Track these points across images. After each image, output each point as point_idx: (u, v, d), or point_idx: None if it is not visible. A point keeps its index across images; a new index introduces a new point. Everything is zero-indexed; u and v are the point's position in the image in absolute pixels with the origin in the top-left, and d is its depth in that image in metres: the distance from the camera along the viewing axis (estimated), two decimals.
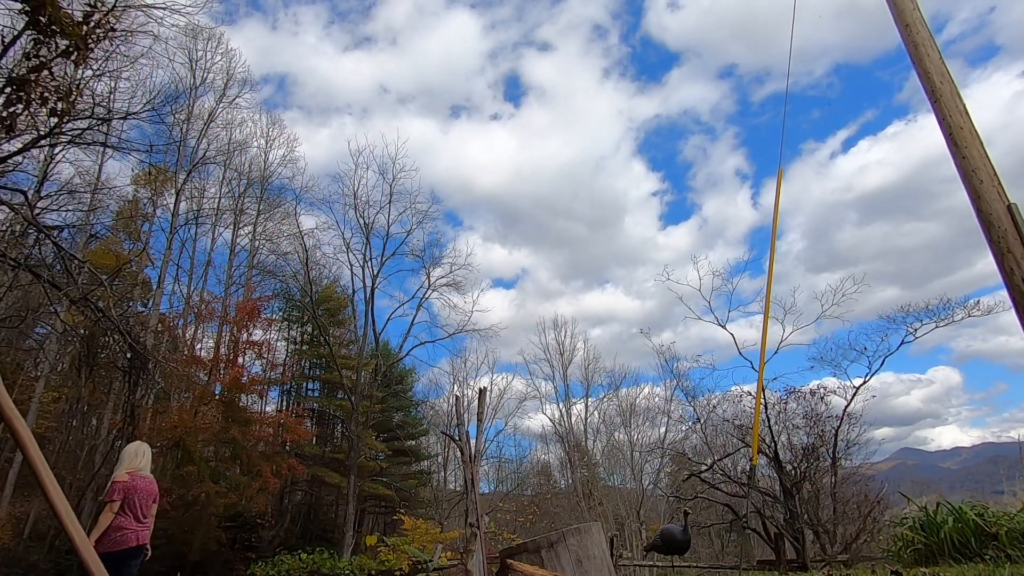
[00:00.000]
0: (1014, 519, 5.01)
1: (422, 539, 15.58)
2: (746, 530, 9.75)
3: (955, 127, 3.86)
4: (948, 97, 3.94)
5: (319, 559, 14.75)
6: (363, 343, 23.01)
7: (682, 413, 21.26)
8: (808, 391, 11.36)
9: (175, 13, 9.06)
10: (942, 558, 5.02)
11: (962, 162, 3.78)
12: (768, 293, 5.38)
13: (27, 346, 16.34)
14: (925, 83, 4.08)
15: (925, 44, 4.12)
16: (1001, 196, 3.62)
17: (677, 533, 6.86)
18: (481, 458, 9.74)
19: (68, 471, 17.66)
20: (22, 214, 6.89)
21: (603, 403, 30.92)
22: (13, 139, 6.16)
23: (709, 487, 12.39)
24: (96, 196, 15.56)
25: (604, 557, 1.26)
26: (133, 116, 10.10)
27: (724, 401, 13.16)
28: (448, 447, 27.53)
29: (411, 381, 29.21)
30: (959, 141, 3.82)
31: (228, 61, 22.79)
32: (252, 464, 18.06)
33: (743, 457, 12.24)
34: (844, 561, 9.05)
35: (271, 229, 24.67)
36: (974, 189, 3.70)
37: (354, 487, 19.75)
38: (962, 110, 3.90)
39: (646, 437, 29.15)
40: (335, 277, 25.62)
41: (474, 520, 6.67)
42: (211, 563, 17.56)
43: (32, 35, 4.78)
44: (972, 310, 10.99)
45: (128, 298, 14.58)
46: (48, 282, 6.69)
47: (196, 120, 21.51)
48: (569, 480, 29.22)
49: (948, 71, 4.03)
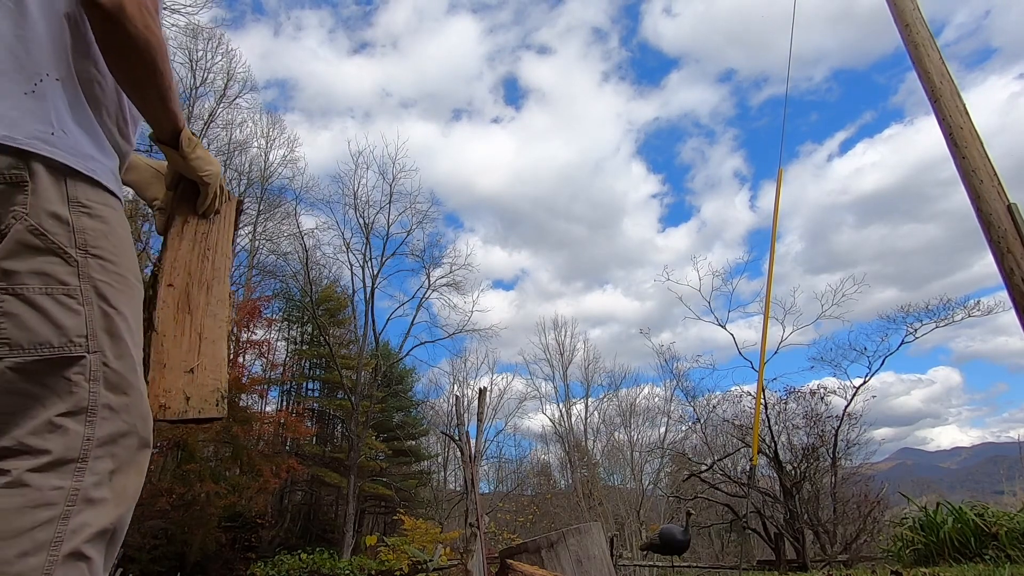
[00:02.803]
0: (1014, 519, 5.02)
1: (422, 539, 15.58)
2: (746, 530, 9.75)
3: (955, 127, 3.86)
4: (948, 97, 3.94)
5: (319, 559, 14.76)
6: (363, 343, 23.02)
7: (682, 413, 21.30)
8: (808, 391, 11.37)
9: (175, 13, 9.07)
10: (942, 558, 5.02)
11: (962, 162, 3.78)
12: (768, 292, 5.39)
13: None
14: (925, 83, 4.08)
15: (925, 44, 4.13)
16: (1001, 196, 3.63)
17: (677, 533, 6.86)
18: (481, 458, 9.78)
19: None
20: None
21: (603, 403, 30.96)
22: None
23: (709, 487, 12.39)
24: None
25: (604, 557, 1.27)
26: None
27: (724, 401, 13.18)
28: (448, 447, 27.55)
29: (411, 381, 29.22)
30: (959, 141, 3.82)
31: (228, 61, 22.79)
32: (252, 464, 18.07)
33: (743, 457, 12.25)
34: (844, 561, 9.06)
35: (271, 229, 24.68)
36: (974, 189, 3.71)
37: (354, 487, 19.76)
38: (962, 110, 3.90)
39: (646, 437, 29.19)
40: (335, 277, 25.64)
41: (474, 520, 6.68)
42: (211, 563, 17.56)
43: None
44: (972, 310, 11.01)
45: None
46: None
47: (196, 120, 21.52)
48: (569, 480, 29.23)
49: (948, 71, 4.03)
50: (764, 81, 77.74)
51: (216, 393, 1.18)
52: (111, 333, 0.96)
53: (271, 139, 25.28)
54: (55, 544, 0.83)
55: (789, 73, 5.80)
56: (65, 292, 0.93)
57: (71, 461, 0.87)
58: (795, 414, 11.20)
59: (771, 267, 5.16)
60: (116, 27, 0.96)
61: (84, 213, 0.96)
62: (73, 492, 0.86)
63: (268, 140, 25.20)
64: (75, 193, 0.95)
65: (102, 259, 0.97)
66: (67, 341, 0.92)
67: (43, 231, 0.91)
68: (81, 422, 0.90)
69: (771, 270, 5.19)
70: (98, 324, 0.95)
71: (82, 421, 0.90)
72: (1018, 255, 3.48)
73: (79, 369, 0.92)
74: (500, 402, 28.86)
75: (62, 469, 0.87)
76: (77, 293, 0.94)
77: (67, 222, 0.94)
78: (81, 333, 0.93)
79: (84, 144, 0.98)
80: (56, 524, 0.84)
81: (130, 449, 0.94)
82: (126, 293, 0.99)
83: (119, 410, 0.94)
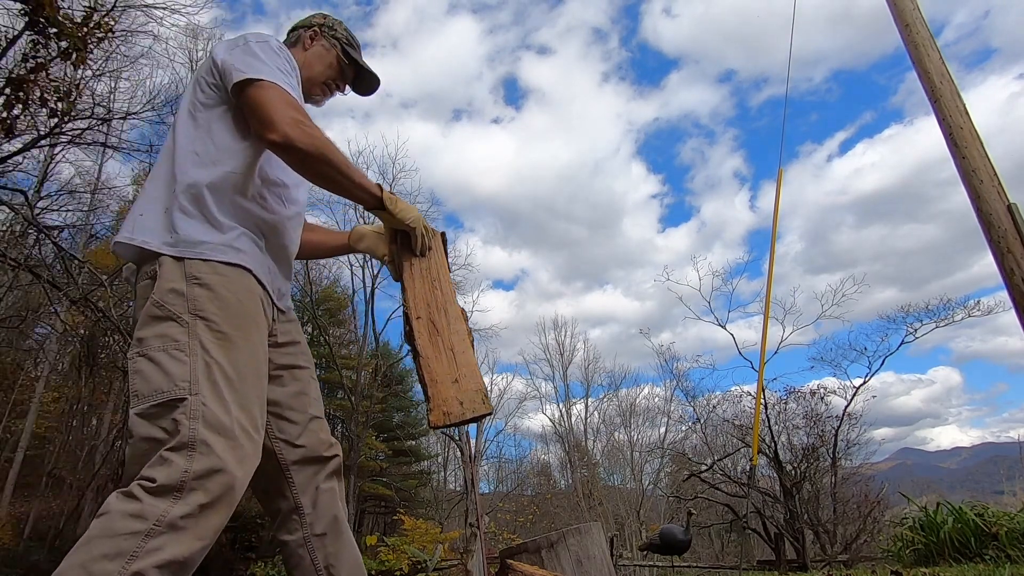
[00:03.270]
0: (1014, 519, 5.01)
1: (422, 539, 15.57)
2: (746, 530, 9.74)
3: (955, 127, 3.86)
4: (948, 97, 3.94)
5: None
6: (363, 343, 23.02)
7: (682, 413, 21.30)
8: (808, 391, 11.36)
9: (175, 13, 9.07)
10: (942, 558, 5.02)
11: (962, 162, 3.78)
12: (768, 292, 5.38)
13: (27, 346, 16.33)
14: (925, 83, 4.07)
15: (925, 44, 4.12)
16: (1001, 196, 3.62)
17: (678, 533, 6.85)
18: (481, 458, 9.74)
19: (68, 471, 17.67)
20: (22, 214, 6.89)
21: (603, 403, 30.94)
22: (13, 139, 6.16)
23: (709, 487, 12.38)
24: (96, 196, 15.54)
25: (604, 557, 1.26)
26: (133, 116, 10.11)
27: (724, 401, 13.16)
28: (448, 447, 27.54)
29: (411, 381, 29.14)
30: (959, 141, 3.81)
31: None
32: None
33: (743, 457, 12.24)
34: (844, 561, 9.05)
35: None
36: (974, 189, 3.70)
37: (354, 487, 19.76)
38: (962, 110, 3.89)
39: (646, 437, 29.18)
40: (335, 277, 25.63)
41: (474, 520, 6.67)
42: (211, 563, 17.55)
43: (31, 36, 4.78)
44: (972, 310, 11.00)
45: (128, 298, 14.58)
46: (48, 282, 6.69)
47: None
48: (569, 480, 29.22)
49: (948, 71, 4.03)
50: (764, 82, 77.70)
51: (479, 393, 1.37)
52: (211, 380, 1.12)
53: None
54: (131, 557, 0.95)
55: (789, 73, 5.79)
56: (176, 347, 1.13)
57: (172, 490, 1.01)
58: (795, 414, 11.20)
59: (771, 267, 5.16)
60: (292, 151, 1.24)
61: (196, 284, 1.19)
62: (163, 515, 0.99)
63: None
64: (190, 271, 1.20)
65: (207, 319, 1.17)
66: (174, 385, 1.10)
67: (164, 303, 1.17)
68: (183, 456, 1.04)
69: (771, 270, 5.19)
70: (200, 372, 1.12)
71: (184, 455, 1.04)
72: (1018, 255, 3.48)
73: (183, 409, 1.08)
74: (500, 402, 28.83)
75: (163, 495, 1.01)
76: (186, 347, 1.14)
77: (183, 293, 1.18)
78: (185, 379, 1.11)
79: (200, 234, 1.24)
80: (139, 539, 0.96)
81: (223, 486, 1.06)
82: (225, 346, 1.17)
83: (215, 447, 1.07)
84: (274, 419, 1.36)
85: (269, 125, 1.23)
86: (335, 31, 1.63)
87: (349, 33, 1.68)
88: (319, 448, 1.39)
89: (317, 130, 1.26)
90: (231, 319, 1.19)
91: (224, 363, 1.15)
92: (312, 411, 1.42)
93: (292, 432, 1.38)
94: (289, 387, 1.40)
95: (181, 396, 1.08)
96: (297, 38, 1.63)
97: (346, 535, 1.38)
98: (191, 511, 1.01)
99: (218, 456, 1.06)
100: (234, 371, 1.16)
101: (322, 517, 1.34)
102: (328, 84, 1.64)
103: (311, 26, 1.63)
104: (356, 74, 1.69)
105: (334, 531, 1.34)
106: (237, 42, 1.37)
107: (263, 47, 1.35)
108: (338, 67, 1.64)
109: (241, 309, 1.22)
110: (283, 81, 1.29)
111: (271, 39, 1.41)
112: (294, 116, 1.24)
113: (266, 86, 1.26)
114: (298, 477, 1.36)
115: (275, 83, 1.27)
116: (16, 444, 15.40)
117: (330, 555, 1.32)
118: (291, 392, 1.40)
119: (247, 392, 1.17)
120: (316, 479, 1.37)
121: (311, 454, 1.38)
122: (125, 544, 0.95)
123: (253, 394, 1.19)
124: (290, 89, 1.30)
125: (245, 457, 1.11)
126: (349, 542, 1.37)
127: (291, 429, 1.38)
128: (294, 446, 1.37)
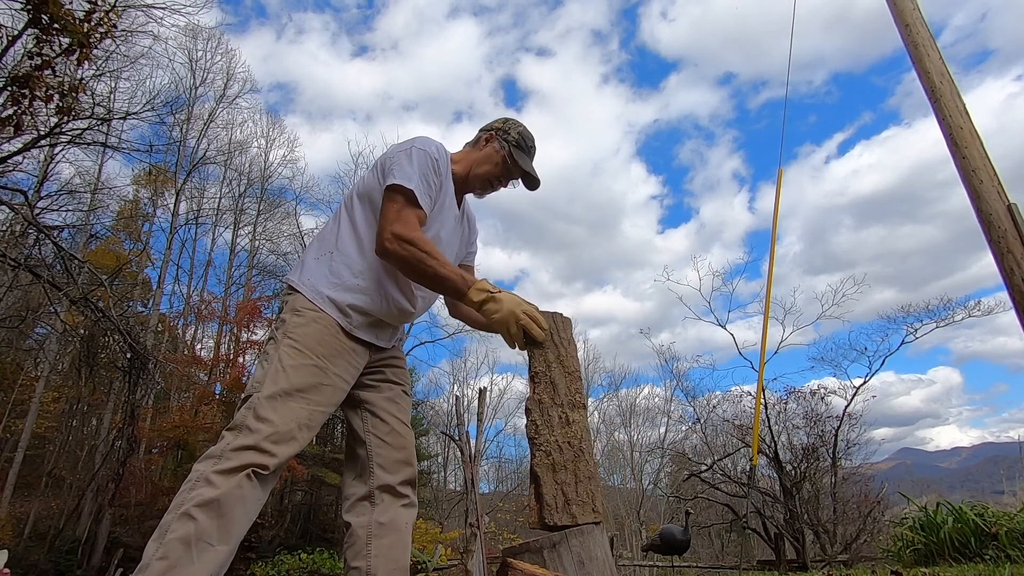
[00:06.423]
0: (1014, 519, 5.01)
1: (422, 539, 15.58)
2: (746, 530, 9.74)
3: (955, 127, 3.86)
4: (948, 97, 3.94)
5: (319, 559, 14.75)
6: None
7: (682, 413, 21.24)
8: (808, 391, 11.35)
9: (175, 13, 9.07)
10: (942, 558, 5.02)
11: (962, 162, 3.78)
12: (768, 292, 5.38)
13: (27, 346, 16.33)
14: (925, 83, 4.07)
15: (925, 44, 4.12)
16: (1001, 196, 3.63)
17: (677, 533, 6.86)
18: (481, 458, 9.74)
19: (68, 471, 17.67)
20: (22, 214, 6.88)
21: (603, 403, 30.96)
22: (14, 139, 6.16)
23: (709, 487, 12.38)
24: (96, 196, 15.55)
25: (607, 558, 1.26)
26: (133, 116, 10.10)
27: (724, 401, 13.14)
28: (448, 447, 27.52)
29: (411, 381, 29.17)
30: (959, 141, 3.82)
31: (228, 61, 22.80)
32: None
33: (743, 457, 12.24)
34: (844, 561, 9.05)
35: (271, 229, 24.66)
36: (974, 189, 3.71)
37: None
38: (962, 110, 3.90)
39: (646, 437, 29.21)
40: None
41: (474, 520, 6.67)
42: None
43: (33, 33, 4.78)
44: (972, 310, 11.00)
45: (128, 298, 14.57)
46: (48, 282, 6.69)
47: (196, 120, 21.51)
48: None
49: (948, 71, 4.03)
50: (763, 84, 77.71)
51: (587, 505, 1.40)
52: (275, 382, 1.45)
53: (271, 139, 25.29)
54: (179, 506, 1.28)
55: (789, 75, 5.79)
56: (266, 359, 1.51)
57: (214, 457, 1.35)
58: (795, 414, 11.19)
59: (771, 267, 5.16)
60: (387, 258, 1.57)
61: (297, 315, 1.56)
62: (201, 473, 1.33)
63: (268, 140, 25.21)
64: (298, 305, 1.58)
65: (293, 340, 1.51)
66: (251, 386, 1.47)
67: (275, 325, 1.61)
68: (234, 435, 1.39)
69: (771, 270, 5.19)
70: (270, 376, 1.46)
71: (234, 434, 1.39)
72: (1018, 255, 3.48)
73: (249, 404, 1.43)
74: (500, 402, 28.86)
75: (208, 460, 1.35)
76: (271, 359, 1.50)
77: (286, 320, 1.57)
78: (260, 380, 1.46)
79: (322, 286, 1.61)
80: (185, 493, 1.30)
81: (251, 456, 1.35)
82: (296, 361, 1.49)
83: (254, 431, 1.38)
84: (369, 416, 1.70)
85: (379, 232, 1.56)
86: (507, 135, 1.83)
87: (522, 138, 1.83)
88: (400, 454, 1.67)
89: (416, 242, 1.51)
90: (312, 343, 1.52)
91: (292, 375, 1.46)
92: (400, 415, 1.74)
93: (382, 429, 1.69)
94: (384, 394, 1.74)
95: (252, 394, 1.44)
96: (478, 139, 1.87)
97: (402, 534, 1.60)
98: (223, 469, 1.32)
99: (254, 438, 1.36)
100: (299, 381, 1.46)
101: (386, 511, 1.60)
102: (491, 180, 1.84)
103: (491, 129, 1.86)
104: (524, 173, 1.83)
105: (393, 527, 1.58)
106: (405, 145, 1.66)
107: (419, 154, 1.63)
108: (503, 167, 1.82)
109: (324, 340, 1.54)
110: (417, 188, 1.56)
111: (431, 146, 1.67)
112: (396, 231, 1.51)
113: (393, 197, 1.56)
114: (378, 471, 1.64)
115: (407, 189, 1.55)
116: (16, 444, 15.39)
117: (382, 545, 1.55)
118: (384, 397, 1.73)
119: (307, 397, 1.46)
120: (394, 477, 1.64)
121: (394, 456, 1.66)
122: (178, 499, 1.30)
123: (312, 399, 1.47)
124: (420, 195, 1.57)
125: (280, 441, 1.39)
126: (402, 541, 1.59)
127: (381, 426, 1.69)
128: (383, 442, 1.67)
